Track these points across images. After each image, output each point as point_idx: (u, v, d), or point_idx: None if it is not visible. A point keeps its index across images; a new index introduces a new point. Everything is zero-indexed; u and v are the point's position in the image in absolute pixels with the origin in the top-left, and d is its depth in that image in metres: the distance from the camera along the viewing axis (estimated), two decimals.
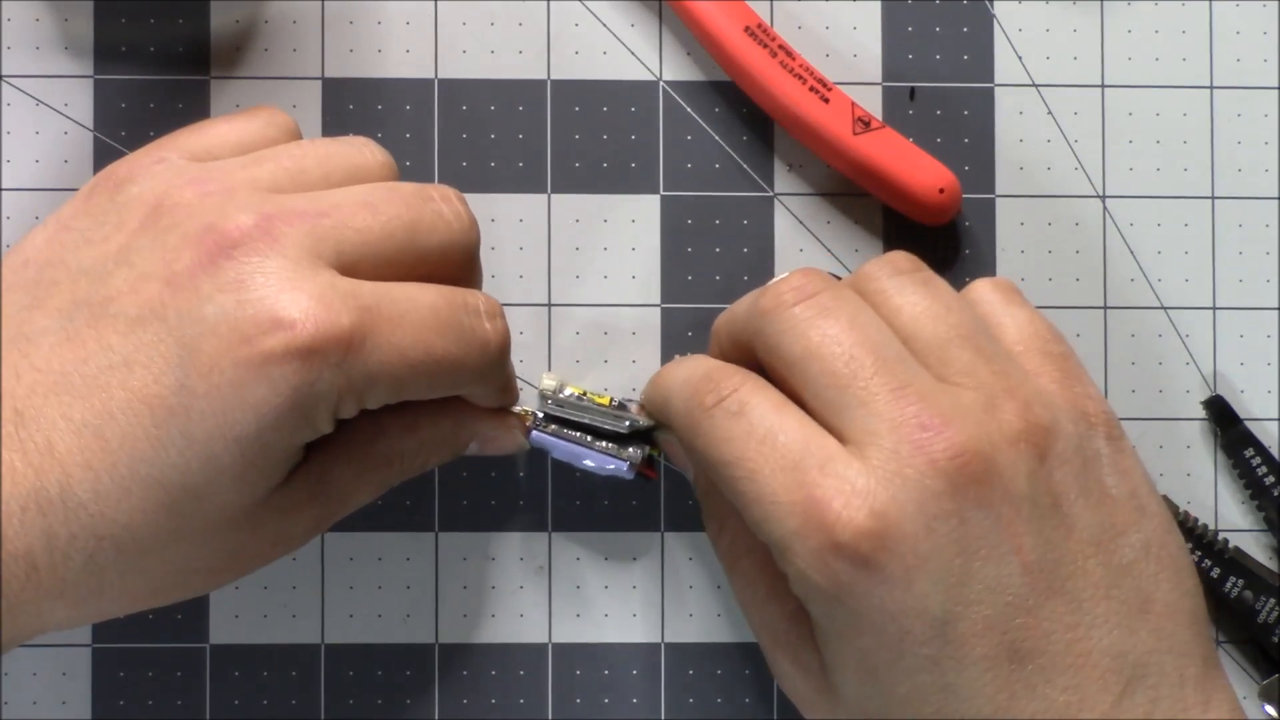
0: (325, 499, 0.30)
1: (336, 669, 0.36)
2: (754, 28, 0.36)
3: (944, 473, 0.27)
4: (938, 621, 0.26)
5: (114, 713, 0.36)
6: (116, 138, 0.37)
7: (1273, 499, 0.37)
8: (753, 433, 0.28)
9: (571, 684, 0.37)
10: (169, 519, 0.27)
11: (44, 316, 0.27)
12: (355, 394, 0.27)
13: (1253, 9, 0.39)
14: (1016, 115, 0.38)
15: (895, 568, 0.26)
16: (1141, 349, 0.38)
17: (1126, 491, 0.29)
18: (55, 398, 0.26)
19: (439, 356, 0.28)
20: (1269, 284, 0.38)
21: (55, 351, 0.27)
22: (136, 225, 0.28)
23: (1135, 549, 0.28)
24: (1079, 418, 0.29)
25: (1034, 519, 0.27)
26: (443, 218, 0.29)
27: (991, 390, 0.28)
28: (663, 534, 0.37)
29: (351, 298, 0.27)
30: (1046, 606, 0.27)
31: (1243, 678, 0.37)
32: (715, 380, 0.30)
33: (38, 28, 0.37)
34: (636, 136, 0.38)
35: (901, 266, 0.31)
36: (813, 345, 0.29)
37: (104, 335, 0.27)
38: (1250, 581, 0.36)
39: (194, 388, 0.26)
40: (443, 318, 0.28)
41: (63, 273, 0.28)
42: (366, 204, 0.28)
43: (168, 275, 0.27)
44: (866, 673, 0.28)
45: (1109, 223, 0.38)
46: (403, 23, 0.38)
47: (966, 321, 0.30)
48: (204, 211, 0.28)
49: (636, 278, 0.37)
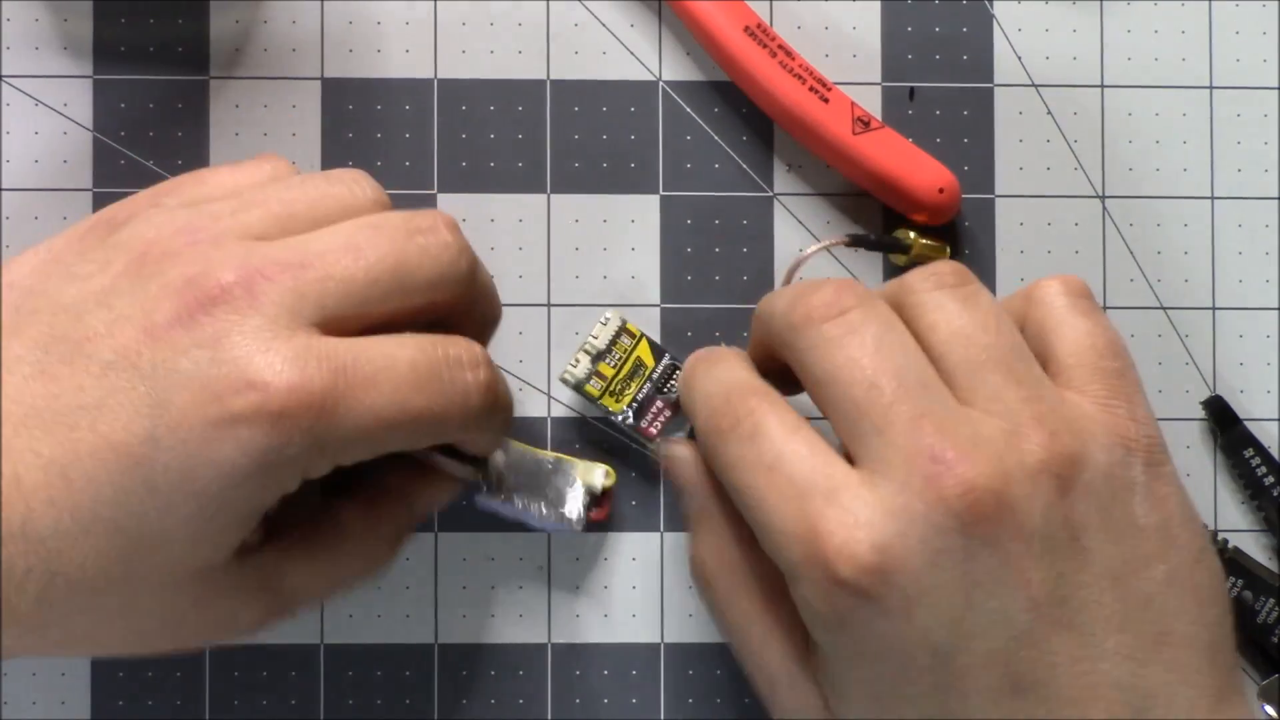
0: (276, 592, 0.30)
1: (336, 669, 0.36)
2: (754, 28, 0.36)
3: (953, 510, 0.26)
4: (939, 653, 0.26)
5: (113, 713, 0.36)
6: (116, 138, 0.37)
7: (1272, 499, 0.37)
8: (762, 459, 0.28)
9: (571, 684, 0.37)
10: (122, 566, 0.27)
11: (19, 346, 0.27)
12: (328, 455, 0.27)
13: (1252, 9, 0.39)
14: (1016, 115, 0.38)
15: (895, 601, 0.26)
16: (1141, 349, 0.38)
17: (1157, 521, 0.28)
18: (25, 431, 0.26)
19: (415, 414, 0.28)
20: (1269, 284, 0.38)
21: (28, 384, 0.27)
22: (121, 269, 0.28)
23: (1157, 582, 0.28)
24: (1115, 444, 0.28)
25: (1045, 554, 0.27)
26: (429, 253, 0.29)
27: (1018, 418, 0.28)
28: (662, 534, 0.37)
29: (326, 360, 0.27)
30: (1053, 640, 0.27)
31: (1242, 678, 0.37)
32: (733, 404, 0.30)
33: (37, 28, 0.37)
34: (636, 136, 0.38)
35: (946, 280, 0.30)
36: (836, 368, 0.28)
37: (77, 375, 0.27)
38: (1250, 582, 0.36)
39: (161, 439, 0.26)
40: (421, 373, 0.28)
41: (44, 303, 0.28)
42: (350, 248, 0.28)
43: (146, 324, 0.27)
44: (871, 700, 0.28)
45: (1108, 223, 0.38)
46: (402, 23, 0.38)
47: (1002, 344, 0.29)
48: (189, 261, 0.28)
49: (636, 278, 0.37)
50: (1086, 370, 0.29)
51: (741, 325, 0.37)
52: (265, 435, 0.26)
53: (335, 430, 0.27)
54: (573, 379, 0.35)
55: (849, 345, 0.28)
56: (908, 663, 0.27)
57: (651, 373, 0.35)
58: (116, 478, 0.26)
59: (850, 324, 0.29)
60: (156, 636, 0.29)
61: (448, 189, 0.37)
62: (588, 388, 0.35)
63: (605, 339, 0.35)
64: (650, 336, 0.36)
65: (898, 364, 0.28)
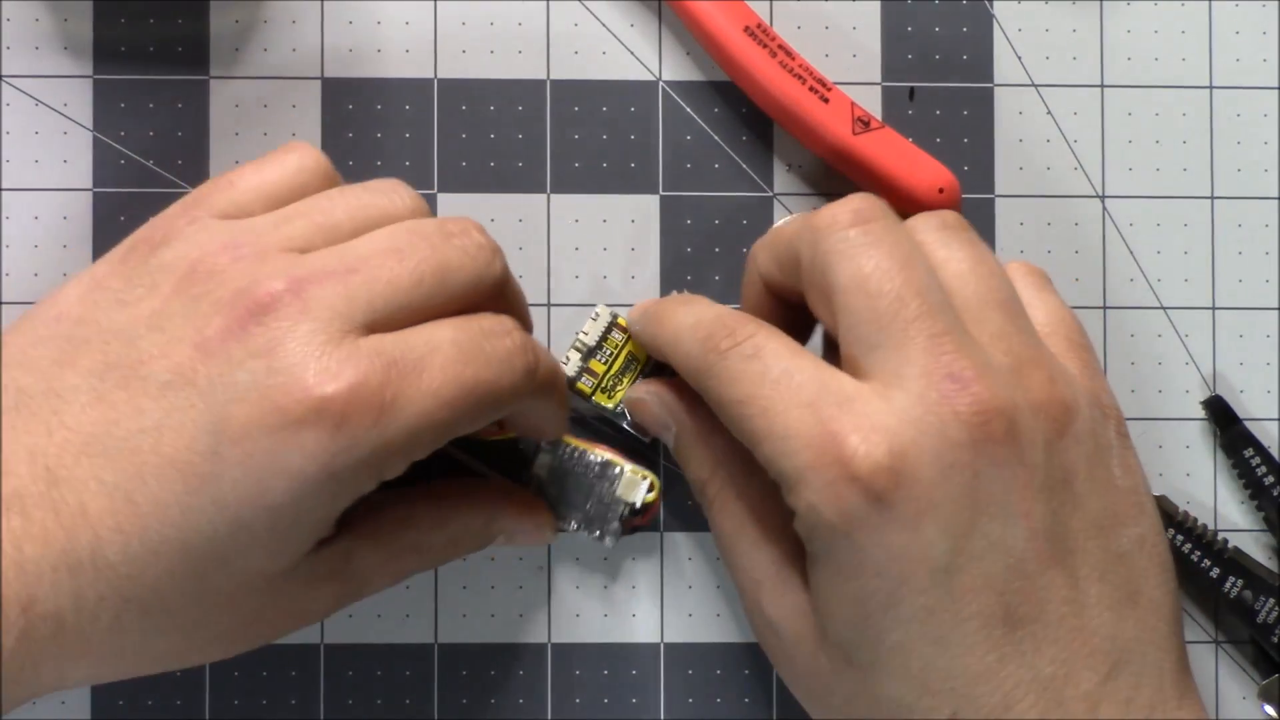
0: (347, 578, 0.30)
1: (336, 669, 0.36)
2: (754, 28, 0.36)
3: (967, 425, 0.27)
4: (939, 570, 0.27)
5: (114, 713, 0.36)
6: (116, 138, 0.37)
7: (1272, 499, 0.37)
8: (767, 373, 0.28)
9: (571, 684, 0.37)
10: (195, 583, 0.27)
11: (74, 375, 0.28)
12: (396, 451, 0.27)
13: (1252, 9, 0.39)
14: (1016, 115, 0.38)
15: (906, 509, 0.26)
16: (1141, 349, 0.38)
17: (1130, 485, 0.29)
18: (87, 459, 0.26)
19: (471, 386, 0.28)
20: (1268, 284, 0.38)
21: (86, 412, 0.27)
22: (169, 290, 0.28)
23: (1131, 541, 0.29)
24: (1095, 404, 0.29)
25: (1045, 489, 0.27)
26: (467, 253, 0.29)
27: (1020, 358, 0.28)
28: (662, 534, 0.37)
29: (378, 356, 0.27)
30: (1046, 575, 0.27)
31: (1242, 678, 0.37)
32: (729, 326, 0.30)
33: (37, 28, 0.37)
34: (636, 136, 0.38)
35: (949, 222, 0.31)
36: (862, 274, 0.28)
37: (135, 398, 0.27)
38: (1250, 581, 0.36)
39: (226, 455, 0.26)
40: (465, 348, 0.28)
41: (94, 331, 0.28)
42: (393, 250, 0.28)
43: (199, 340, 0.27)
44: (861, 617, 0.27)
45: (1108, 223, 0.38)
46: (402, 23, 0.38)
47: (1006, 287, 0.30)
48: (236, 277, 0.28)
49: (636, 278, 0.37)
50: (1062, 340, 0.31)
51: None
52: (330, 439, 0.26)
53: (398, 423, 0.27)
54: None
55: (876, 254, 0.28)
56: (905, 578, 0.27)
57: (644, 367, 0.35)
58: (183, 498, 0.26)
59: (878, 233, 0.29)
60: (234, 640, 0.30)
61: (448, 189, 0.37)
62: (579, 385, 0.35)
63: (596, 335, 0.35)
64: None
65: (923, 283, 0.28)
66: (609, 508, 0.35)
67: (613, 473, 0.35)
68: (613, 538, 0.35)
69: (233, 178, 0.31)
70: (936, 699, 0.27)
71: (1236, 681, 0.37)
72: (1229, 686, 0.37)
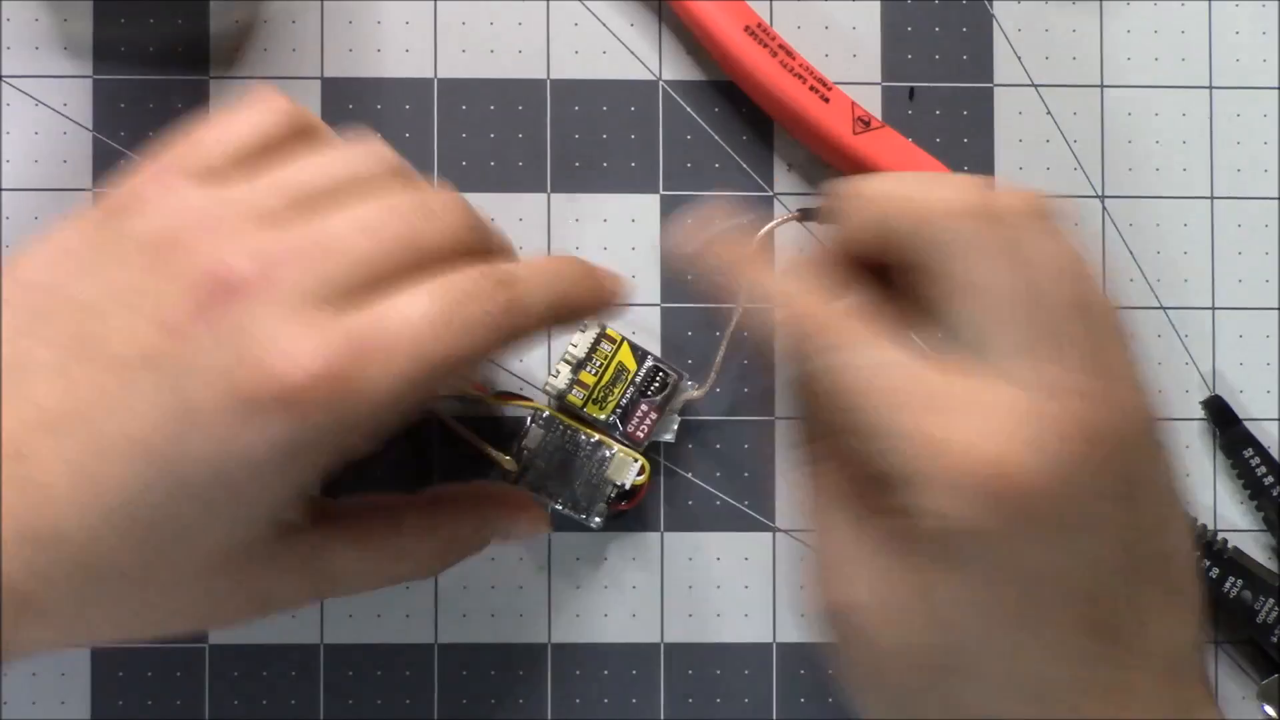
0: (316, 574, 0.30)
1: (336, 669, 0.36)
2: (754, 27, 0.36)
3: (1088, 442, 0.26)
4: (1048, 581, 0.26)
5: (113, 713, 0.36)
6: (116, 138, 0.37)
7: (1272, 499, 0.37)
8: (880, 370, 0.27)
9: (571, 684, 0.37)
10: (157, 557, 0.27)
11: (41, 347, 0.28)
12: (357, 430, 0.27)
13: (1252, 9, 0.39)
14: (1015, 115, 0.38)
15: (1034, 521, 0.26)
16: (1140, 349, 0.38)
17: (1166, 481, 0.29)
18: (51, 435, 0.26)
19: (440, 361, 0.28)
20: (1268, 284, 0.38)
21: (50, 386, 0.27)
22: (140, 265, 0.28)
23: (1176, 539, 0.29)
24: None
25: (1127, 499, 0.27)
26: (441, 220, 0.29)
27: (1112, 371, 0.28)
28: (662, 534, 0.37)
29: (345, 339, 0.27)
30: (1128, 586, 0.27)
31: (1242, 678, 0.37)
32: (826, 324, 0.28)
33: (37, 28, 0.37)
34: (636, 136, 0.38)
35: (1040, 209, 0.29)
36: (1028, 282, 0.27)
37: (98, 375, 0.27)
38: (1249, 581, 0.36)
39: (188, 437, 0.26)
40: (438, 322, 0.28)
41: (60, 302, 0.28)
42: (365, 229, 0.28)
43: (165, 321, 0.27)
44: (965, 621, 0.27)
45: (1108, 223, 0.38)
46: (402, 22, 0.37)
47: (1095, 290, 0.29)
48: (206, 254, 0.28)
49: (636, 278, 0.37)
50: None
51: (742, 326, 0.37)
52: (284, 422, 0.26)
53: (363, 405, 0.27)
54: (554, 390, 0.35)
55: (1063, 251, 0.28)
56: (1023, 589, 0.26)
57: (634, 376, 0.35)
58: (145, 477, 0.26)
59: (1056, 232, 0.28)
60: (194, 617, 0.30)
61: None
62: (570, 398, 0.35)
63: (585, 346, 0.35)
64: (631, 340, 0.36)
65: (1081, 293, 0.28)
66: (597, 488, 0.35)
67: (604, 453, 0.35)
68: (600, 519, 0.35)
69: (202, 135, 0.31)
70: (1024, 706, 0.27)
71: (1236, 681, 0.37)
72: (1229, 686, 0.37)
